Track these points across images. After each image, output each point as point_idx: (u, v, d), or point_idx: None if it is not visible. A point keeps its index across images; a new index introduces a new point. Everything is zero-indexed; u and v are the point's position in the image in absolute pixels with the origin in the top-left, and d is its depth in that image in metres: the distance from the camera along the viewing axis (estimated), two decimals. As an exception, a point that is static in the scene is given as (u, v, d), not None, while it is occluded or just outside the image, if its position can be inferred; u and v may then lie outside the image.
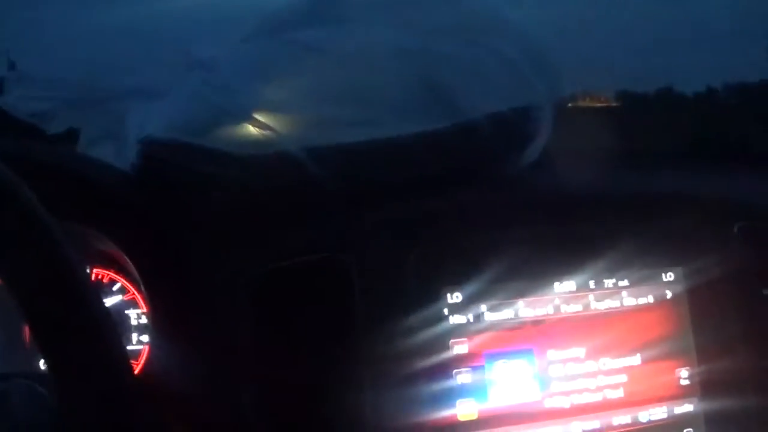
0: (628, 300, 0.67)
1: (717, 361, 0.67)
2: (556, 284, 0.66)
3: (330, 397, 0.62)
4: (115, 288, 0.70)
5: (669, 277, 0.68)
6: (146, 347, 0.68)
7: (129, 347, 0.69)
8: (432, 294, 0.64)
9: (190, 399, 0.62)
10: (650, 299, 0.67)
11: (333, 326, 0.63)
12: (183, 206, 0.67)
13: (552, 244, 0.66)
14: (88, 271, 0.69)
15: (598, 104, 0.75)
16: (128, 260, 0.65)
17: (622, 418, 0.66)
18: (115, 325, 0.46)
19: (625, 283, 0.67)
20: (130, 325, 0.69)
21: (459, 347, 0.64)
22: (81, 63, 0.70)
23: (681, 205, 0.70)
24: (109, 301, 0.69)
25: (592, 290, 0.66)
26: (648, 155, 0.68)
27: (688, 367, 0.67)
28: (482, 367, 0.64)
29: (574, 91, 0.73)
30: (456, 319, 0.64)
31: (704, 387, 0.67)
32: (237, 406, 0.62)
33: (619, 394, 0.66)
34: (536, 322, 0.65)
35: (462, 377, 0.63)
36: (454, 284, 0.64)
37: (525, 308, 0.65)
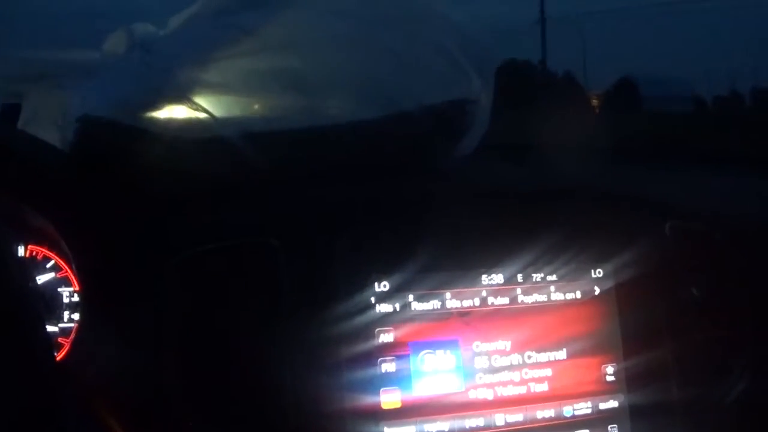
0: (556, 295, 0.67)
1: (643, 358, 0.68)
2: (484, 276, 0.66)
3: (254, 382, 0.62)
4: (48, 265, 0.70)
5: (598, 273, 0.68)
6: (77, 325, 0.69)
7: (60, 325, 0.69)
8: (359, 281, 0.64)
9: (115, 379, 0.62)
10: (578, 295, 0.68)
11: (259, 310, 0.63)
12: (116, 186, 0.66)
13: (481, 236, 0.66)
14: (20, 252, 0.69)
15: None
16: (60, 238, 0.65)
17: (546, 412, 0.66)
18: (38, 312, 0.47)
19: (553, 277, 0.67)
20: (62, 303, 0.70)
21: (385, 336, 0.64)
22: (22, 39, 0.70)
23: (613, 202, 0.70)
24: (41, 278, 0.69)
25: (520, 284, 0.67)
26: (582, 152, 0.68)
27: (614, 363, 0.68)
28: (407, 356, 0.64)
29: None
30: (383, 308, 0.64)
31: (630, 383, 0.68)
32: (161, 387, 0.62)
33: (543, 387, 0.66)
34: (463, 314, 0.65)
35: (387, 366, 0.64)
36: (382, 272, 0.64)
37: (452, 299, 0.65)
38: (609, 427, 0.67)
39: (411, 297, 0.64)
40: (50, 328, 0.68)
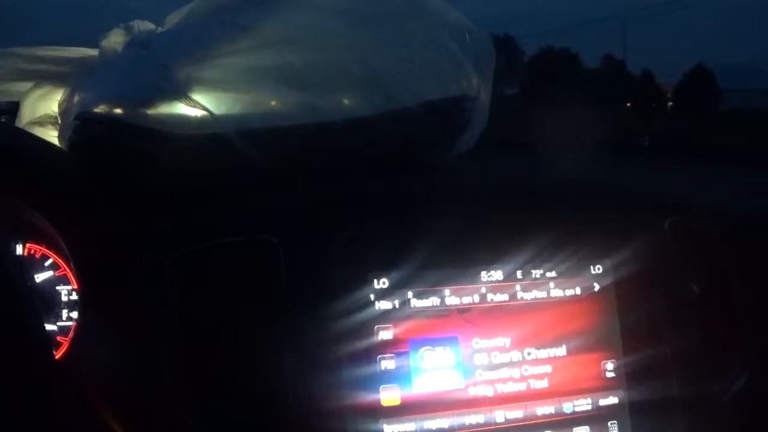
0: (555, 291, 0.67)
1: (642, 354, 0.68)
2: (483, 273, 0.66)
3: (253, 380, 0.62)
4: (47, 264, 0.70)
5: (597, 269, 0.68)
6: (75, 324, 0.68)
7: (59, 323, 0.69)
8: (359, 279, 0.64)
9: (114, 377, 0.62)
10: (578, 291, 0.68)
11: (258, 308, 0.63)
12: (114, 183, 0.66)
13: (480, 233, 0.66)
14: (18, 250, 0.69)
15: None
16: (59, 236, 0.65)
17: (546, 409, 0.66)
18: (36, 310, 0.47)
19: (552, 274, 0.67)
20: (60, 301, 0.70)
21: (384, 333, 0.64)
22: (20, 36, 0.70)
23: (613, 199, 0.70)
24: (40, 277, 0.69)
25: (519, 280, 0.67)
26: (582, 147, 0.68)
27: (613, 360, 0.68)
28: (407, 353, 0.64)
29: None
30: (382, 305, 0.64)
31: (630, 380, 0.68)
32: (160, 385, 0.62)
33: (543, 384, 0.66)
34: (462, 310, 0.65)
35: (386, 363, 0.63)
36: (381, 270, 0.64)
37: (451, 296, 0.65)
38: (609, 423, 0.67)
39: (410, 294, 0.64)
40: (49, 327, 0.68)
